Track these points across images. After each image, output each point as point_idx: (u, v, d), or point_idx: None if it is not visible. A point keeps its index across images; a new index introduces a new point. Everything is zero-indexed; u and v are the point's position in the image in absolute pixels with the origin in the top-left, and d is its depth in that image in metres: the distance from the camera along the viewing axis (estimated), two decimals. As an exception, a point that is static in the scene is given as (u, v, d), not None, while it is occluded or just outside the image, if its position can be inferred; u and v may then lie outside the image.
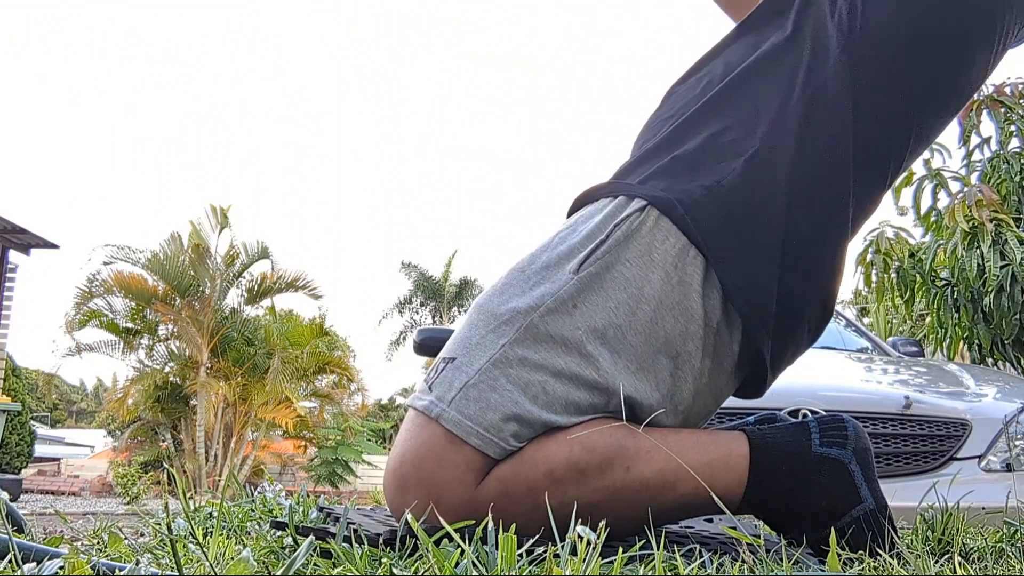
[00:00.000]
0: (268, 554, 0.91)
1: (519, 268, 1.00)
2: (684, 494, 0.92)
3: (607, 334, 0.93)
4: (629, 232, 0.96)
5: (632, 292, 0.94)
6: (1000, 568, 0.90)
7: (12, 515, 1.03)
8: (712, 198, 0.97)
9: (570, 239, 0.98)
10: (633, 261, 0.95)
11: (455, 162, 70.15)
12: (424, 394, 0.95)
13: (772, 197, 0.98)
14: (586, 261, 0.95)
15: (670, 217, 0.96)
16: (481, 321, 0.97)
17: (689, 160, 1.00)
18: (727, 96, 1.04)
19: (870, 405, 2.28)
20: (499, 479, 0.91)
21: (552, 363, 0.93)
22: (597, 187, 1.05)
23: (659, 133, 1.07)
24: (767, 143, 0.99)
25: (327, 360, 14.09)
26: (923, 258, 4.47)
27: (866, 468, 0.95)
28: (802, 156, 0.99)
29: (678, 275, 0.95)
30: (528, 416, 0.91)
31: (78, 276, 24.69)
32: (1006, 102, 4.57)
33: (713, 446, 0.95)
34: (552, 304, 0.94)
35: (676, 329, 0.95)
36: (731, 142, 1.00)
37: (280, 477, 17.11)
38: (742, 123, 1.01)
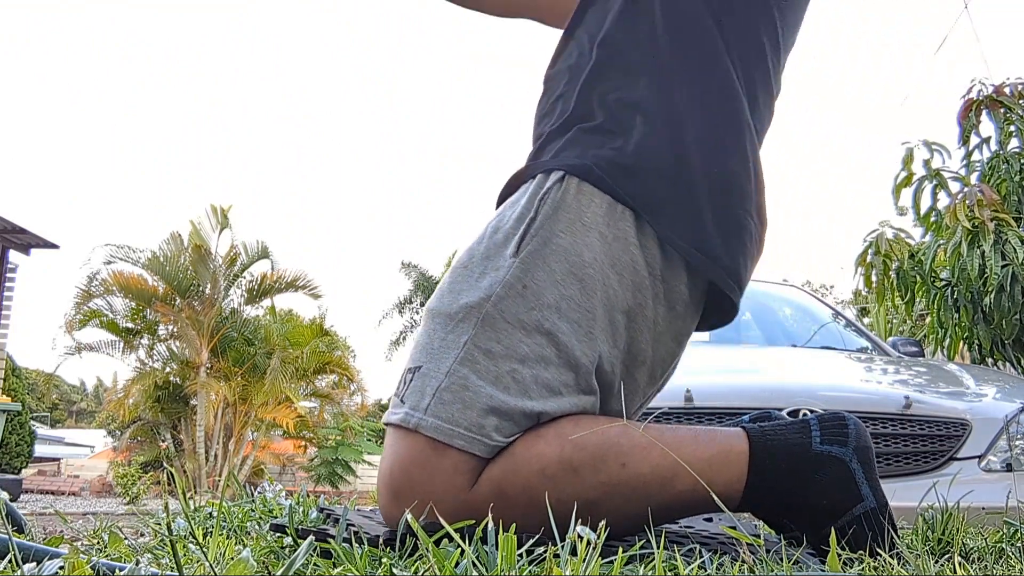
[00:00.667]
0: (268, 554, 0.91)
1: (461, 265, 1.01)
2: (682, 490, 0.92)
3: (560, 307, 0.95)
4: (555, 204, 0.98)
5: (574, 260, 0.96)
6: (1000, 568, 0.90)
7: (12, 515, 1.03)
8: (623, 153, 0.99)
9: (503, 226, 1.00)
10: (566, 230, 0.97)
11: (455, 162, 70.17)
12: (397, 408, 0.95)
13: (675, 134, 1.01)
14: (523, 242, 0.97)
15: (589, 181, 0.98)
16: (437, 325, 0.97)
17: (592, 126, 1.03)
18: (604, 59, 1.06)
19: (870, 405, 2.28)
20: (492, 481, 0.91)
21: (515, 349, 0.93)
22: (519, 173, 1.08)
23: (555, 113, 1.09)
24: (654, 88, 1.02)
25: (327, 360, 14.09)
26: (923, 258, 4.47)
27: (867, 466, 0.94)
28: (686, 84, 1.03)
29: (612, 232, 0.98)
30: (505, 407, 0.92)
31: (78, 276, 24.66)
32: (1005, 102, 4.57)
33: (712, 443, 0.95)
34: (501, 291, 0.95)
35: (623, 284, 0.97)
36: (623, 99, 1.02)
37: (280, 477, 17.09)
38: (626, 78, 1.04)
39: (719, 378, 2.51)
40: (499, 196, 1.10)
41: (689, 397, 2.19)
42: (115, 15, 79.77)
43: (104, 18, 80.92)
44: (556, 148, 1.04)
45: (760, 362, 2.85)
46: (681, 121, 1.01)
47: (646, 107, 1.01)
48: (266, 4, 75.02)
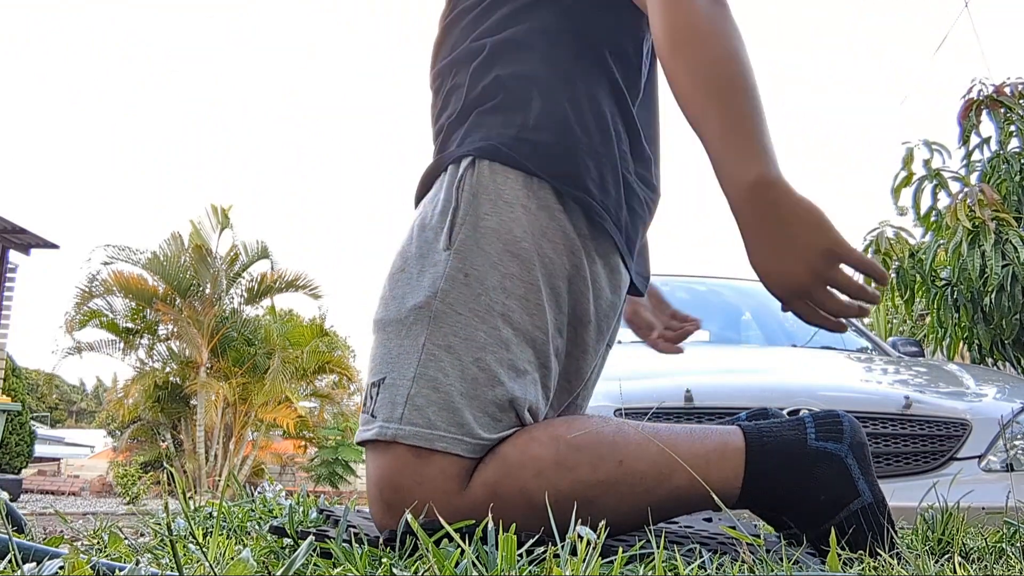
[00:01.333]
0: (268, 554, 0.91)
1: (397, 270, 1.01)
2: (679, 486, 0.92)
3: (505, 286, 0.96)
4: (473, 189, 0.99)
5: (506, 238, 0.97)
6: (1000, 568, 0.90)
7: (12, 515, 1.03)
8: (525, 128, 1.01)
9: (429, 223, 1.01)
10: (491, 212, 0.98)
11: (455, 162, 70.01)
12: (369, 424, 0.95)
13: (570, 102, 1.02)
14: (452, 233, 0.98)
15: (499, 160, 0.99)
16: (390, 333, 0.97)
17: (490, 107, 1.04)
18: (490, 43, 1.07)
19: (870, 405, 2.27)
20: (486, 485, 0.90)
21: (474, 337, 0.94)
22: (426, 172, 1.09)
23: (450, 104, 1.10)
24: (545, 61, 1.04)
25: (327, 360, 14.09)
26: (923, 258, 4.47)
27: (863, 462, 0.95)
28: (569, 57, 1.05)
29: (535, 203, 0.99)
30: (478, 400, 0.92)
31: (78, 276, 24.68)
32: (1006, 102, 4.57)
33: (708, 439, 0.95)
34: (445, 285, 0.95)
35: (557, 251, 0.99)
36: (517, 73, 1.04)
37: (280, 477, 17.10)
38: (516, 56, 1.05)
39: (719, 378, 2.51)
40: (416, 195, 1.11)
41: (689, 397, 2.19)
42: (115, 15, 79.79)
43: (104, 18, 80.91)
44: (460, 136, 1.05)
45: (760, 362, 2.85)
46: (570, 90, 1.03)
47: (540, 79, 1.03)
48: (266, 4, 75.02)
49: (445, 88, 1.12)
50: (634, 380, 2.30)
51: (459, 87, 1.08)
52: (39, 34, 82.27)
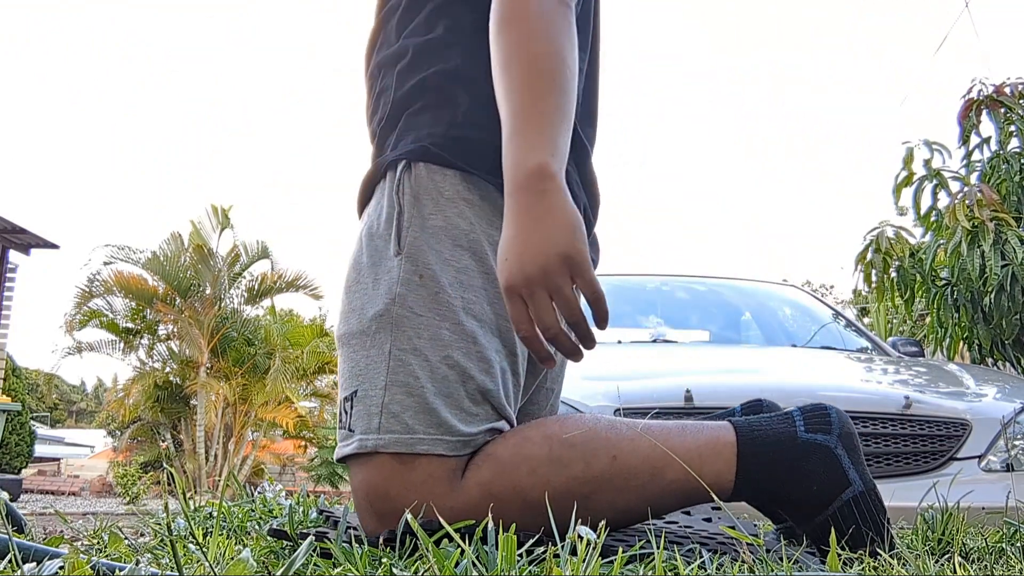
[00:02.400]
0: (268, 554, 0.91)
1: (352, 282, 1.01)
2: (673, 480, 0.92)
3: (461, 280, 0.96)
4: (414, 191, 0.99)
5: (453, 233, 0.98)
6: (1000, 568, 0.90)
7: (12, 515, 1.03)
8: (454, 125, 1.01)
9: (376, 231, 1.01)
10: (434, 211, 0.98)
11: (455, 162, 69.99)
12: (348, 439, 0.94)
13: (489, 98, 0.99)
14: (400, 237, 0.98)
15: (433, 161, 1.00)
16: (356, 344, 0.97)
17: (418, 108, 1.04)
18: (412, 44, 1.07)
19: (870, 405, 2.27)
20: (481, 484, 0.90)
21: (438, 337, 0.93)
22: (365, 180, 1.09)
23: (380, 108, 1.10)
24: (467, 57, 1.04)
25: (327, 360, 14.08)
26: (923, 258, 4.47)
27: (852, 452, 0.96)
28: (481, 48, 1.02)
29: (476, 195, 0.99)
30: (452, 397, 0.92)
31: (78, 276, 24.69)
32: (1006, 102, 4.57)
33: (699, 434, 0.96)
34: (402, 290, 0.95)
35: None
36: (441, 72, 1.04)
37: (280, 477, 17.11)
38: (439, 55, 1.05)
39: (719, 378, 2.51)
40: (358, 203, 1.11)
41: (689, 397, 2.19)
42: (115, 15, 79.78)
43: (104, 18, 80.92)
44: (392, 140, 1.05)
45: (760, 362, 2.85)
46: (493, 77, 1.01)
47: (464, 76, 1.03)
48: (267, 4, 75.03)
49: (375, 91, 1.13)
50: (633, 380, 2.30)
51: (387, 90, 1.09)
52: (39, 34, 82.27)
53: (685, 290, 3.96)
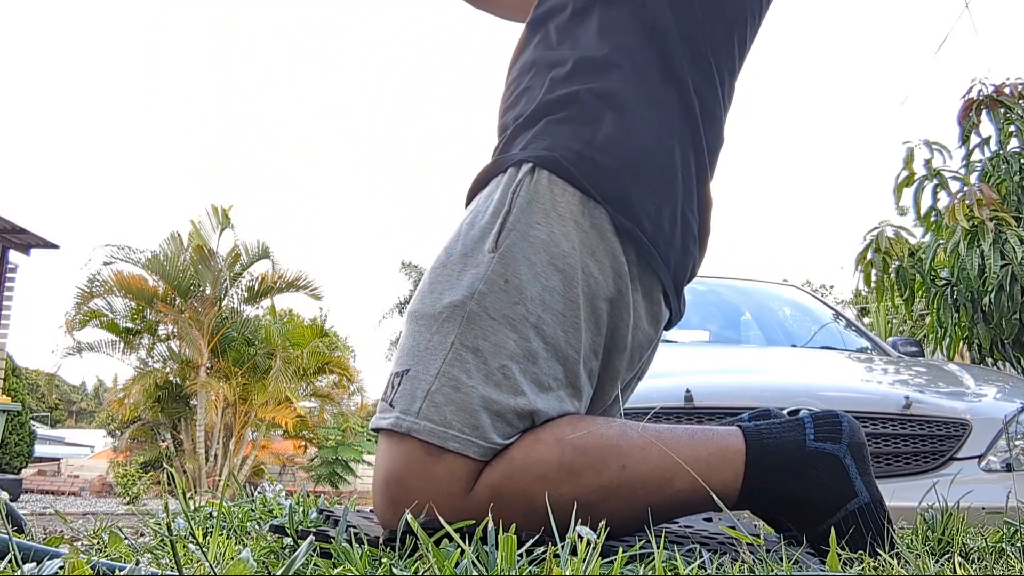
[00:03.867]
0: (268, 554, 0.91)
1: (439, 264, 1.00)
2: (681, 489, 0.92)
3: (544, 299, 0.95)
4: (529, 196, 0.98)
5: (553, 251, 0.96)
6: (1000, 568, 0.90)
7: (12, 515, 1.03)
8: (591, 146, 1.00)
9: (478, 222, 1.00)
10: (542, 222, 0.97)
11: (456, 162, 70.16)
12: (387, 412, 0.94)
13: (642, 129, 1.01)
14: (500, 236, 0.96)
15: (558, 174, 0.98)
16: (422, 326, 0.96)
17: (561, 117, 1.02)
18: (572, 53, 1.06)
19: (870, 405, 2.27)
20: (491, 487, 0.90)
21: (503, 345, 0.93)
22: (487, 168, 1.07)
23: (520, 105, 1.09)
24: (625, 81, 1.03)
25: (327, 360, 14.09)
26: (923, 258, 4.47)
27: (860, 462, 0.95)
28: (650, 81, 1.04)
29: (588, 221, 0.98)
30: (498, 406, 0.91)
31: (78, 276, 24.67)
32: (1005, 102, 4.57)
33: (709, 442, 0.95)
34: (484, 287, 0.94)
35: (603, 272, 0.98)
36: (594, 90, 1.02)
37: (280, 477, 17.10)
38: (596, 71, 1.03)
39: (719, 378, 2.51)
40: (468, 192, 1.09)
41: (689, 397, 2.19)
42: (115, 15, 79.79)
43: (104, 18, 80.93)
44: (525, 140, 1.04)
45: (760, 362, 2.85)
46: (646, 116, 1.02)
47: (616, 100, 1.02)
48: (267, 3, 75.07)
49: (519, 87, 1.10)
50: (634, 380, 2.30)
51: (533, 90, 1.07)
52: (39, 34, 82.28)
53: (685, 290, 3.95)
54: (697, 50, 1.08)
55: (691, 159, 1.06)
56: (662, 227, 1.01)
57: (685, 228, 1.05)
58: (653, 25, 1.06)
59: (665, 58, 1.05)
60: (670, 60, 1.06)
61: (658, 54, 1.05)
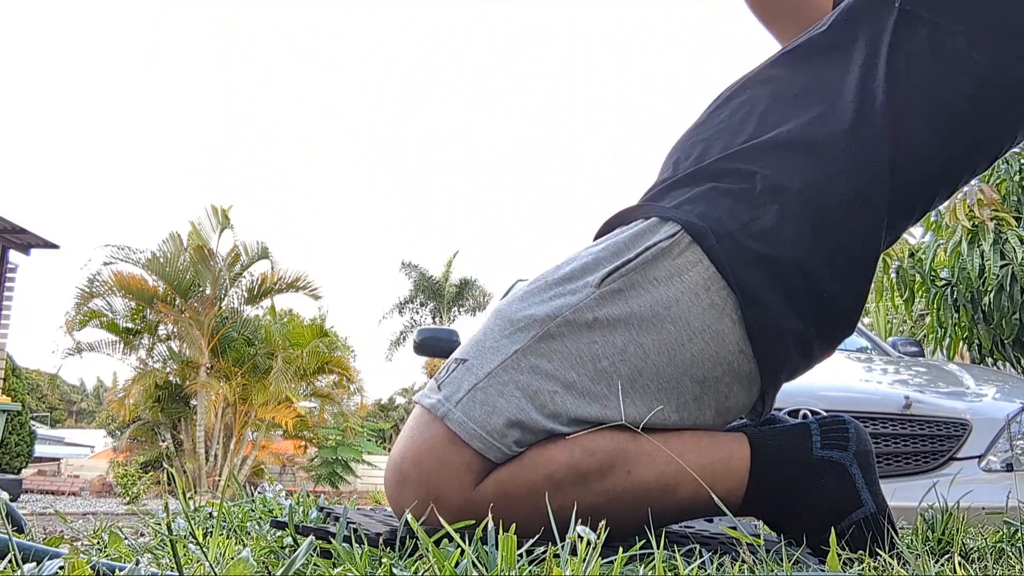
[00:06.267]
0: (268, 554, 0.91)
1: (542, 277, 0.99)
2: (685, 497, 0.92)
3: (628, 350, 0.92)
4: (659, 253, 0.94)
5: (658, 311, 0.93)
6: (1000, 568, 0.90)
7: (12, 515, 1.03)
8: (746, 233, 0.94)
9: (598, 254, 0.97)
10: (661, 280, 0.93)
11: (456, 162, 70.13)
12: (433, 392, 0.95)
13: (807, 240, 0.95)
14: (610, 276, 0.94)
15: (702, 245, 0.94)
16: (497, 326, 0.96)
17: (728, 191, 0.98)
18: (780, 140, 1.00)
19: (870, 405, 2.28)
20: (498, 481, 0.90)
21: (564, 375, 0.91)
22: (630, 209, 1.04)
23: (695, 155, 1.04)
24: (809, 186, 0.97)
25: (327, 360, 14.10)
26: (923, 258, 4.47)
27: (867, 471, 0.94)
28: (839, 203, 0.97)
29: (709, 299, 0.93)
30: (532, 424, 0.91)
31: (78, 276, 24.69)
32: (1006, 102, 4.57)
33: (714, 448, 0.95)
34: (570, 315, 0.93)
35: (705, 352, 0.93)
36: (773, 180, 0.97)
37: (280, 477, 17.11)
38: (784, 161, 0.98)
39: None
40: (603, 225, 1.06)
41: (689, 397, 2.19)
42: (116, 14, 79.82)
43: (104, 17, 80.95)
44: (679, 197, 1.00)
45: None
46: (818, 232, 0.96)
47: (791, 201, 0.96)
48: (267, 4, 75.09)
49: (708, 133, 1.06)
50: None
51: (716, 146, 1.03)
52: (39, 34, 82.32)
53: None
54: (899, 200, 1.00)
55: (856, 272, 0.99)
56: (783, 339, 0.96)
57: (812, 345, 1.00)
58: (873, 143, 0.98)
59: (868, 157, 0.98)
60: (874, 191, 0.98)
61: (863, 155, 0.98)
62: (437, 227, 62.80)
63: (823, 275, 0.96)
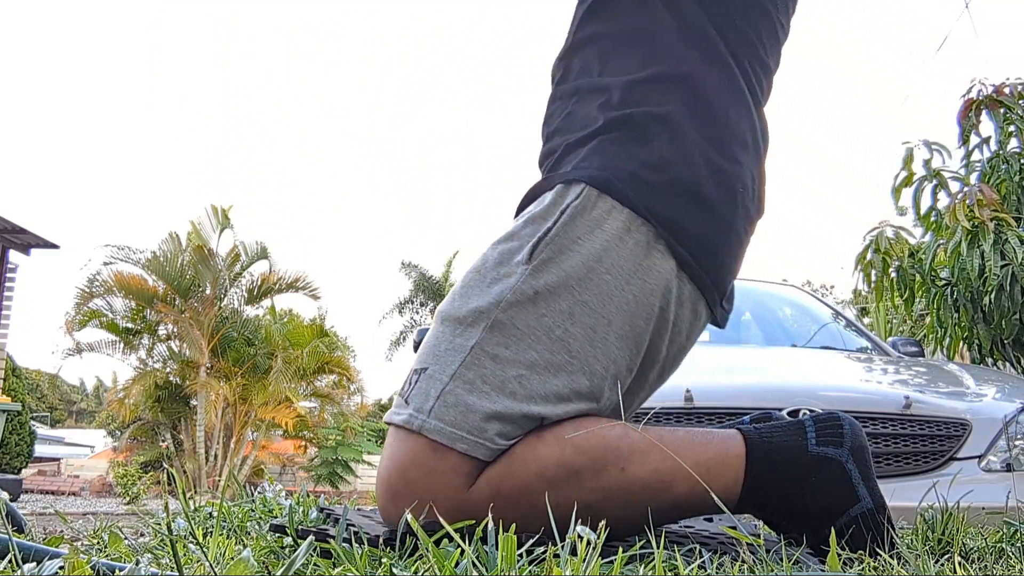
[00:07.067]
0: (268, 554, 0.91)
1: (474, 270, 1.00)
2: (681, 494, 0.92)
3: (574, 312, 0.94)
4: (575, 212, 0.98)
5: (592, 266, 0.96)
6: (1000, 568, 0.90)
7: (12, 515, 1.03)
8: (646, 167, 0.99)
9: (519, 232, 1.00)
10: (584, 237, 0.97)
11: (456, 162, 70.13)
12: (401, 408, 0.95)
13: (697, 151, 1.00)
14: (537, 248, 0.96)
15: (610, 193, 0.98)
16: (446, 328, 0.97)
17: (615, 138, 1.02)
18: (616, 86, 1.05)
19: (870, 405, 2.27)
20: (491, 481, 0.90)
21: (523, 355, 0.93)
22: (536, 186, 1.07)
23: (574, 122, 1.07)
24: (680, 102, 1.02)
25: (327, 360, 14.09)
26: (923, 258, 4.47)
27: (863, 467, 0.94)
28: (706, 98, 1.03)
29: (632, 239, 0.97)
30: (509, 413, 0.91)
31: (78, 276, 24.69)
32: (1005, 102, 4.57)
33: (709, 446, 0.95)
34: (512, 297, 0.94)
35: (645, 289, 0.97)
36: (650, 112, 1.01)
37: (280, 477, 17.11)
38: (651, 90, 1.03)
39: (719, 378, 2.51)
40: (518, 206, 1.09)
41: (689, 397, 2.19)
42: (116, 14, 79.80)
43: (104, 17, 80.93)
44: (577, 159, 1.03)
45: (760, 362, 2.85)
46: (701, 137, 1.01)
47: (672, 122, 1.01)
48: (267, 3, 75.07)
49: (565, 111, 1.09)
50: (634, 380, 2.30)
51: (582, 113, 1.06)
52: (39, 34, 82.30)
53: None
54: (747, 67, 1.07)
55: (748, 175, 1.05)
56: (713, 248, 1.00)
57: (737, 244, 1.04)
58: (703, 43, 1.04)
59: (721, 76, 1.04)
60: (728, 78, 1.05)
61: (711, 72, 1.04)
62: (437, 227, 62.79)
63: (725, 168, 1.02)
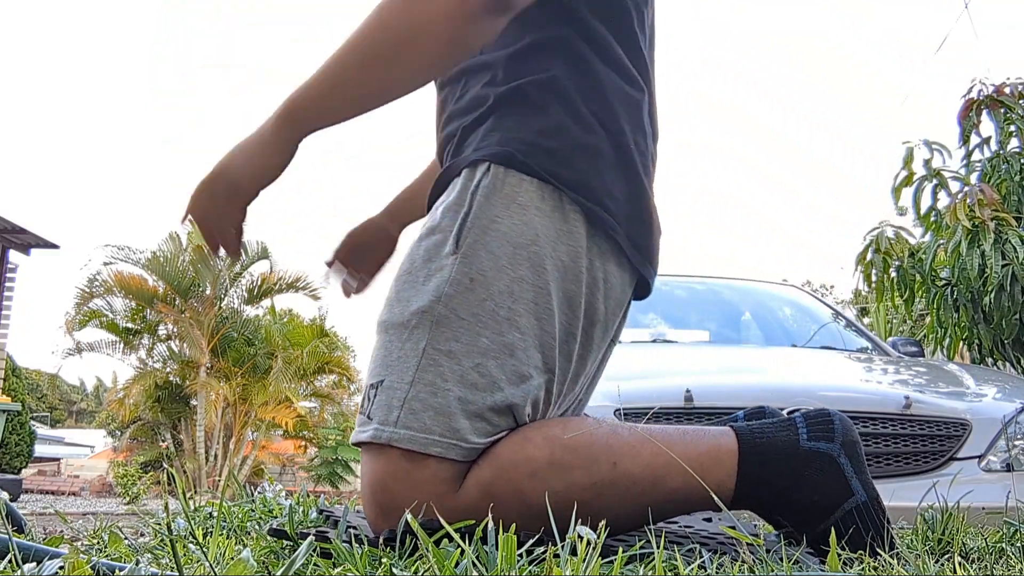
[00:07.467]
0: (268, 554, 0.91)
1: (404, 272, 1.00)
2: (674, 488, 0.92)
3: (513, 290, 0.95)
4: (487, 192, 0.98)
5: (517, 241, 0.96)
6: (1000, 568, 0.90)
7: (12, 515, 1.03)
8: (544, 135, 1.00)
9: (438, 226, 1.00)
10: (503, 214, 0.97)
11: (455, 162, 70.01)
12: (365, 425, 0.94)
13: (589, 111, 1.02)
14: (460, 236, 0.96)
15: (515, 167, 0.99)
16: (392, 336, 0.96)
17: (507, 112, 1.03)
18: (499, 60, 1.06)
19: (870, 405, 2.27)
20: (481, 485, 0.90)
21: (475, 344, 0.93)
22: (442, 175, 1.07)
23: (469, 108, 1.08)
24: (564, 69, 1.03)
25: (327, 360, 14.09)
26: (923, 258, 4.47)
27: (855, 460, 0.95)
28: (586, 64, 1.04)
29: (548, 206, 0.98)
30: (475, 406, 0.91)
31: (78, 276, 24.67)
32: (1006, 102, 4.57)
33: (701, 442, 0.95)
34: (449, 290, 0.94)
35: (571, 254, 0.98)
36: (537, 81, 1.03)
37: (280, 477, 17.11)
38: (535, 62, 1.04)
39: (719, 378, 2.51)
40: (428, 199, 1.09)
41: (689, 397, 2.19)
42: (116, 14, 79.80)
43: (105, 17, 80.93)
44: (476, 141, 1.04)
45: (760, 362, 2.85)
46: (590, 98, 1.03)
47: (559, 88, 1.02)
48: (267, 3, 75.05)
49: (455, 96, 1.11)
50: (633, 380, 2.30)
51: (472, 95, 1.07)
52: (39, 34, 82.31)
53: (685, 290, 3.96)
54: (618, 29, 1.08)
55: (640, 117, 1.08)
56: (616, 197, 1.02)
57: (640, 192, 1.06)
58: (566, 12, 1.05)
59: (594, 42, 1.06)
60: (600, 44, 1.06)
61: (585, 39, 1.05)
62: (437, 227, 62.56)
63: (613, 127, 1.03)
